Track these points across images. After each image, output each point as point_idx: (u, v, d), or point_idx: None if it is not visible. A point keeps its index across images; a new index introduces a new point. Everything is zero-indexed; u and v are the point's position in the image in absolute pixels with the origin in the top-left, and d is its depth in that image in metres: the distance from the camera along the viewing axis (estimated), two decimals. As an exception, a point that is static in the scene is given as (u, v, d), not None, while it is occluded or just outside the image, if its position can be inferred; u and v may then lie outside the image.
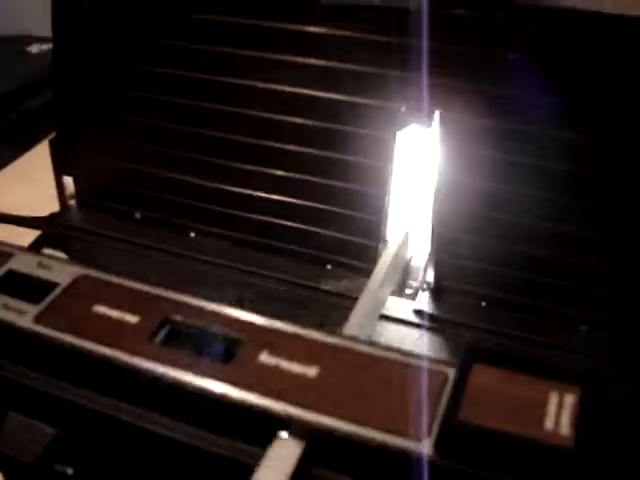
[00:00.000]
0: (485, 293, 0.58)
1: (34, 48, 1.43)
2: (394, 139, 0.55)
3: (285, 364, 0.41)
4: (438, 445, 0.36)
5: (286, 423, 0.38)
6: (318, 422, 0.38)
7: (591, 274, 0.54)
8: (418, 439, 0.37)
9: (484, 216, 0.55)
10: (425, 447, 0.36)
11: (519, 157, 0.52)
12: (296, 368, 0.41)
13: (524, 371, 0.39)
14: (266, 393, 0.39)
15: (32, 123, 1.21)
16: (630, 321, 0.53)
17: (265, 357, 0.41)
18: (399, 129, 0.54)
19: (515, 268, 0.56)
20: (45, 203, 0.70)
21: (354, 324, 0.46)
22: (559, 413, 0.36)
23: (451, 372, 0.40)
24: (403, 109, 0.54)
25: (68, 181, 0.70)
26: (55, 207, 0.70)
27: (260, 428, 0.39)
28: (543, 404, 0.37)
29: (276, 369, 0.41)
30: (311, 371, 0.41)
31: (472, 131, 0.53)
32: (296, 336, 0.43)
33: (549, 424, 0.36)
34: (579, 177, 0.51)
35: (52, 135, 0.67)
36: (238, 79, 0.58)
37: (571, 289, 0.55)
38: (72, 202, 0.70)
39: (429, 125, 0.53)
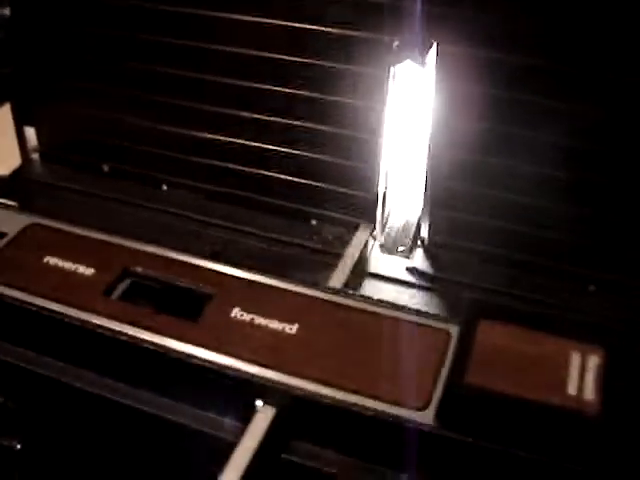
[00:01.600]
0: (483, 249, 0.53)
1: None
2: (386, 77, 0.49)
3: (260, 320, 0.36)
4: (441, 414, 0.31)
5: (261, 389, 0.33)
6: (299, 387, 0.33)
7: (599, 228, 0.49)
8: (417, 407, 0.32)
9: (482, 163, 0.50)
10: (426, 417, 0.31)
11: (523, 95, 0.47)
12: (273, 325, 0.36)
13: (538, 328, 0.34)
14: (238, 354, 0.34)
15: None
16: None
17: (237, 313, 0.36)
18: (392, 65, 0.48)
19: (515, 222, 0.51)
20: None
21: (340, 278, 0.40)
22: (582, 376, 0.31)
23: (454, 330, 0.35)
24: (396, 43, 0.48)
25: (30, 133, 0.64)
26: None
27: (231, 394, 0.34)
28: (562, 366, 0.32)
29: (250, 326, 0.35)
30: (290, 328, 0.36)
31: (472, 66, 0.47)
32: (273, 289, 0.38)
33: (571, 388, 0.31)
34: (587, 117, 0.46)
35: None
36: (214, 10, 0.52)
37: (578, 245, 0.50)
38: (35, 155, 0.65)
39: (424, 60, 0.48)
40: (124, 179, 0.61)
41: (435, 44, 0.47)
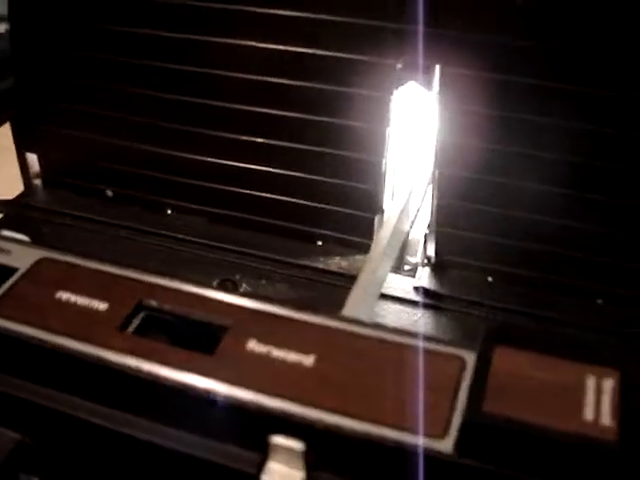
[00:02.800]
0: (491, 267, 0.53)
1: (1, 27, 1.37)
2: (390, 99, 0.49)
3: (277, 353, 0.36)
4: (460, 442, 0.31)
5: (282, 422, 0.33)
6: (320, 420, 0.33)
7: (606, 243, 0.49)
8: (436, 436, 0.32)
9: (488, 182, 0.50)
10: (445, 445, 0.31)
11: (527, 116, 0.48)
12: (290, 357, 0.35)
13: (553, 353, 0.34)
14: (257, 387, 0.34)
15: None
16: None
17: (254, 345, 0.36)
18: (395, 88, 0.49)
19: (524, 239, 0.52)
20: (13, 184, 0.65)
21: (353, 305, 0.41)
22: (598, 400, 0.31)
23: (469, 356, 0.35)
24: (399, 65, 0.48)
25: (32, 159, 0.64)
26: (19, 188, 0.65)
27: (251, 428, 0.34)
28: (579, 391, 0.32)
29: (267, 359, 0.35)
30: (307, 360, 0.35)
31: (476, 88, 0.48)
32: (288, 320, 0.38)
33: (588, 414, 0.31)
34: (596, 135, 0.46)
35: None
36: (214, 37, 0.52)
37: (586, 260, 0.50)
38: (37, 182, 0.65)
39: (428, 82, 0.48)
40: (128, 204, 0.61)
41: (438, 66, 0.47)
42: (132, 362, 0.35)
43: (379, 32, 0.48)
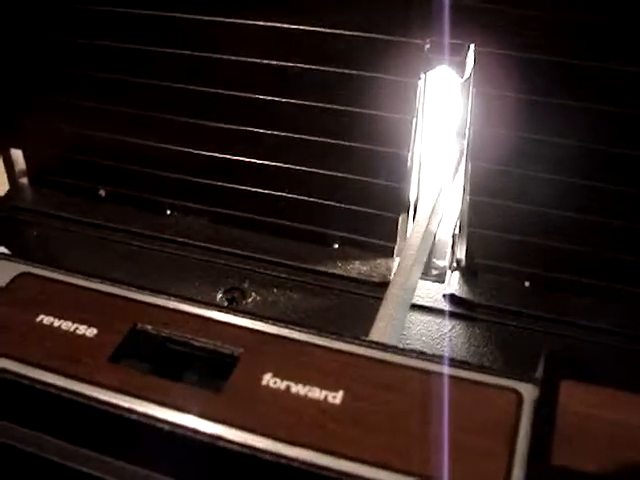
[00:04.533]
0: (529, 271, 0.49)
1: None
2: (417, 85, 0.44)
3: (298, 389, 0.30)
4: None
5: (305, 475, 0.28)
6: (351, 473, 0.27)
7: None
8: (493, 495, 0.26)
9: (526, 176, 0.46)
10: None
11: (569, 102, 0.43)
12: (313, 394, 0.30)
13: (629, 388, 0.28)
14: (274, 434, 0.29)
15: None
16: None
17: (269, 380, 0.31)
18: (423, 71, 0.44)
19: (564, 240, 0.47)
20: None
21: (383, 326, 0.35)
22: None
23: (526, 390, 0.30)
24: (427, 46, 0.43)
25: (17, 155, 0.60)
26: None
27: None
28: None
29: (286, 397, 0.30)
30: (334, 397, 0.30)
31: (514, 71, 0.42)
32: (308, 346, 0.32)
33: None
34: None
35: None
36: (218, 15, 0.47)
37: (632, 263, 0.46)
38: (23, 180, 0.61)
39: (460, 65, 0.43)
40: (123, 204, 0.57)
41: (472, 46, 0.42)
42: (125, 401, 0.30)
43: (404, 6, 0.43)
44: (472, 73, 0.43)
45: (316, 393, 0.30)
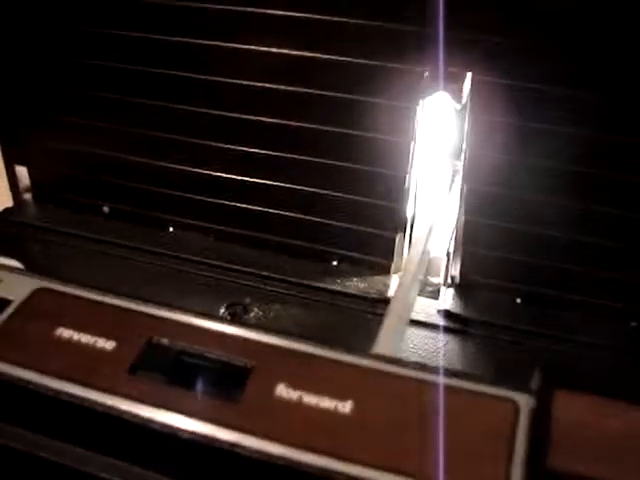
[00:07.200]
0: (520, 288, 0.50)
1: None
2: (415, 110, 0.46)
3: (309, 399, 0.32)
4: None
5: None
6: (360, 477, 0.29)
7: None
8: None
9: (519, 199, 0.47)
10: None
11: (565, 129, 0.44)
12: (324, 403, 0.32)
13: (620, 397, 0.30)
14: (288, 440, 0.30)
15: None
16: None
17: (282, 390, 0.32)
18: (421, 98, 0.46)
19: (555, 258, 0.48)
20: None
21: (387, 339, 0.37)
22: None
23: (522, 399, 0.32)
24: (426, 74, 0.45)
25: (22, 172, 0.61)
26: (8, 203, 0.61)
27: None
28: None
29: (298, 406, 0.31)
30: (343, 407, 0.32)
31: (509, 98, 0.44)
32: (318, 359, 0.34)
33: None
34: (633, 150, 0.43)
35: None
36: (219, 41, 0.48)
37: (620, 281, 0.48)
38: (27, 196, 0.61)
39: (457, 92, 0.45)
40: (126, 221, 0.57)
41: (469, 74, 0.44)
42: (145, 411, 0.32)
43: (403, 36, 0.44)
44: (468, 100, 0.44)
45: (327, 403, 0.32)
